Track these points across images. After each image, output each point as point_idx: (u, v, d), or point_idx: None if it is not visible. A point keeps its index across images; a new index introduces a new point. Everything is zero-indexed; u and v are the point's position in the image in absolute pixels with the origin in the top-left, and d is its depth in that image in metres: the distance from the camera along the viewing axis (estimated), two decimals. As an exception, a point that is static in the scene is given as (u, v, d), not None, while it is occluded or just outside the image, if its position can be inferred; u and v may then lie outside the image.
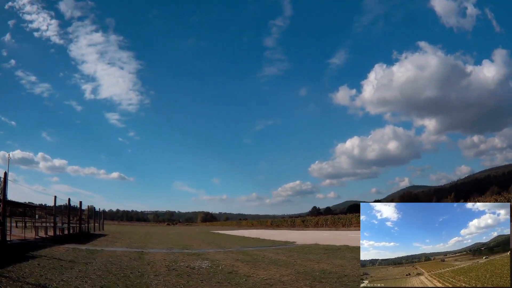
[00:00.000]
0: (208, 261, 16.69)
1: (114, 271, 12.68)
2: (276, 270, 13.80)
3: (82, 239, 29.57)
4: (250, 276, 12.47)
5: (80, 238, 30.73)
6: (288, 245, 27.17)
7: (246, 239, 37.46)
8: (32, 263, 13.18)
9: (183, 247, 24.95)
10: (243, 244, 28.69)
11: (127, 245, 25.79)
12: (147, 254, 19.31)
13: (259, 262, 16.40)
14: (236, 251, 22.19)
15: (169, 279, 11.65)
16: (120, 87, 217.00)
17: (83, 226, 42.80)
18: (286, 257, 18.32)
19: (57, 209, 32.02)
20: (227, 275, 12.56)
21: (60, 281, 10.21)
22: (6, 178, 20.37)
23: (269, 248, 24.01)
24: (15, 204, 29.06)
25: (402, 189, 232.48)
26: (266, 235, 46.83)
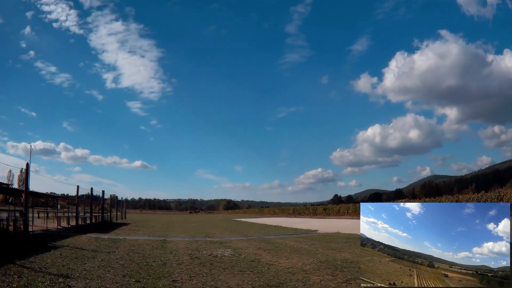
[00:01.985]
0: (231, 249, 16.70)
1: (136, 260, 12.71)
2: (298, 258, 13.74)
3: (105, 228, 29.83)
4: (273, 264, 12.43)
5: (103, 227, 30.99)
6: (310, 233, 27.08)
7: (268, 227, 37.48)
8: (54, 253, 13.28)
9: (205, 235, 25.02)
10: (265, 232, 28.71)
11: (150, 233, 25.92)
12: (170, 242, 19.38)
13: (281, 250, 16.36)
14: (259, 239, 22.22)
15: (191, 267, 11.63)
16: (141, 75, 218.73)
17: (106, 215, 43.14)
18: (308, 245, 18.28)
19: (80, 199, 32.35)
20: (249, 264, 12.53)
21: (83, 270, 10.25)
22: (28, 169, 20.58)
23: (291, 237, 24.03)
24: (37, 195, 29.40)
25: (423, 178, 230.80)
26: (288, 223, 46.83)
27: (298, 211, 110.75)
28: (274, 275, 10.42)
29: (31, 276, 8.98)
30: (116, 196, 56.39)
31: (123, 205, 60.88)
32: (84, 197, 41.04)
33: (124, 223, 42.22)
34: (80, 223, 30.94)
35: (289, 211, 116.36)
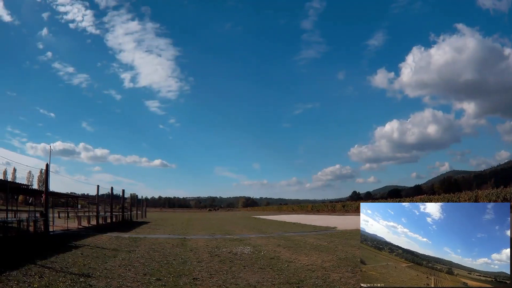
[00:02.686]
0: (250, 246, 16.73)
1: (157, 258, 12.79)
2: (318, 255, 13.70)
3: (125, 227, 30.03)
4: (292, 261, 12.41)
5: (123, 226, 31.20)
6: (329, 230, 26.99)
7: (287, 224, 37.43)
8: (75, 252, 13.39)
9: (225, 233, 25.09)
10: (284, 229, 28.69)
11: (170, 232, 26.03)
12: (190, 240, 19.47)
13: (301, 247, 16.35)
14: (278, 236, 22.22)
15: (211, 265, 11.67)
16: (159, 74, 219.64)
17: (126, 214, 43.42)
18: (327, 242, 18.20)
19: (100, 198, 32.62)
20: (269, 261, 12.55)
21: (104, 269, 10.32)
22: (48, 169, 20.77)
23: (310, 234, 23.93)
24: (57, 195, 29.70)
25: (442, 174, 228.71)
26: (307, 220, 46.70)
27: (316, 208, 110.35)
28: (294, 272, 10.42)
29: (52, 276, 9.05)
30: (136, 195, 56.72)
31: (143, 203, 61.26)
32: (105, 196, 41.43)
33: (144, 221, 42.45)
34: (100, 222, 31.21)
35: (308, 208, 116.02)
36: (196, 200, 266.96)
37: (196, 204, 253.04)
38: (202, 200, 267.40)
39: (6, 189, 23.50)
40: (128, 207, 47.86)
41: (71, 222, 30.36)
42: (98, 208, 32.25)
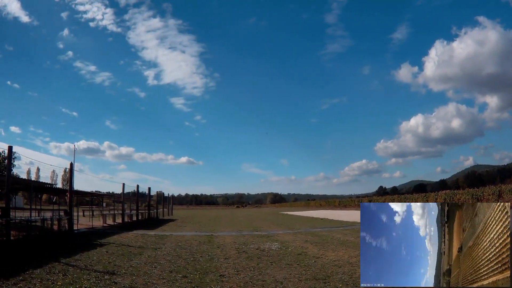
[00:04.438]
0: (278, 242, 16.71)
1: (183, 256, 12.81)
2: (345, 251, 13.70)
3: (151, 224, 30.19)
4: (319, 257, 12.40)
5: (149, 224, 31.38)
6: (356, 225, 26.81)
7: (314, 220, 37.42)
8: (100, 250, 13.48)
9: (252, 229, 25.10)
10: (312, 225, 28.64)
11: (197, 229, 26.11)
12: (217, 237, 19.48)
13: (328, 243, 16.33)
14: (305, 232, 22.19)
15: (239, 261, 11.66)
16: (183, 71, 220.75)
17: (152, 212, 43.70)
18: (354, 238, 18.15)
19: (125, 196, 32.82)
20: (296, 257, 12.54)
21: (129, 267, 10.36)
22: (72, 168, 20.97)
23: (337, 229, 23.94)
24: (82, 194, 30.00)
25: (467, 168, 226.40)
26: (334, 215, 46.58)
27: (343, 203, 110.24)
28: (321, 268, 10.42)
29: (76, 273, 9.10)
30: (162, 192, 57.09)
31: (169, 201, 61.63)
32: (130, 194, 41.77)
33: (170, 219, 42.69)
34: (126, 220, 31.43)
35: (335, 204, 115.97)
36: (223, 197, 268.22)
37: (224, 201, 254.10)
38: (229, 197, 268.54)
39: (30, 188, 23.82)
40: (154, 205, 48.18)
41: (96, 220, 30.68)
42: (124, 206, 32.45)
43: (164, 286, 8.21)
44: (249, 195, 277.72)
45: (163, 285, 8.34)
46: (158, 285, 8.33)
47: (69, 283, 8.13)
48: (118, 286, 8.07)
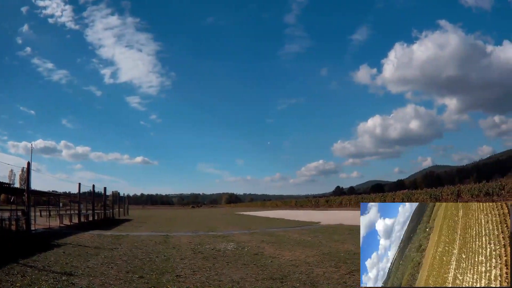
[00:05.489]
0: (234, 243, 16.75)
1: (139, 256, 12.75)
2: (302, 251, 13.76)
3: (107, 225, 29.92)
4: (276, 257, 12.44)
5: (105, 224, 31.06)
6: (313, 225, 27.20)
7: (270, 220, 37.66)
8: (57, 251, 13.30)
9: (208, 230, 25.09)
10: (268, 225, 28.86)
11: (152, 229, 25.97)
12: (172, 237, 19.43)
13: (284, 243, 16.40)
14: (261, 232, 22.30)
15: (194, 262, 11.66)
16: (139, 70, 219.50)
17: (108, 212, 43.20)
18: (311, 237, 18.35)
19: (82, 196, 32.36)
20: (253, 257, 12.56)
21: (86, 268, 10.26)
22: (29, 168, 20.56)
23: (293, 229, 24.11)
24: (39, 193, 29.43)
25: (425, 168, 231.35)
26: (291, 215, 46.96)
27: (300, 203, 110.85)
28: (278, 268, 10.44)
29: (34, 274, 8.99)
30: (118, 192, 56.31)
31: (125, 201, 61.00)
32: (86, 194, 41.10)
33: (126, 219, 42.32)
34: (82, 220, 31.00)
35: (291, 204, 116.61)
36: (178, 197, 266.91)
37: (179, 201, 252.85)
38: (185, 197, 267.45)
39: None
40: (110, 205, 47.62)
41: (53, 220, 30.11)
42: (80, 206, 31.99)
43: (121, 287, 8.19)
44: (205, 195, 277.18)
45: (120, 285, 8.31)
46: (115, 285, 8.29)
47: (27, 284, 8.04)
48: (75, 287, 8.01)
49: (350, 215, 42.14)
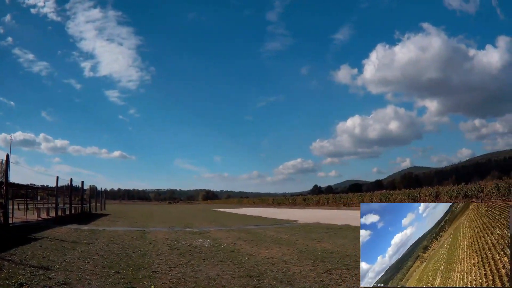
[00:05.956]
0: (210, 239, 16.73)
1: (116, 251, 12.68)
2: (278, 249, 13.75)
3: (84, 219, 29.62)
4: (252, 255, 12.43)
5: (82, 218, 30.77)
6: (290, 223, 27.24)
7: (247, 218, 37.67)
8: (34, 245, 13.16)
9: (185, 226, 25.05)
10: (245, 223, 28.85)
11: (129, 224, 25.85)
12: (149, 233, 19.36)
13: (261, 240, 16.39)
14: (238, 229, 22.28)
15: (171, 258, 11.64)
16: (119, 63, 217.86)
17: (85, 206, 42.83)
18: (288, 235, 18.32)
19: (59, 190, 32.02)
20: (229, 254, 12.55)
21: (63, 262, 10.18)
22: (8, 160, 20.32)
23: (270, 227, 24.08)
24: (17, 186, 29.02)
25: (403, 169, 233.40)
26: (268, 213, 46.97)
27: (277, 201, 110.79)
28: (254, 266, 10.44)
29: (11, 268, 8.90)
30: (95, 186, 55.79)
31: (102, 195, 60.45)
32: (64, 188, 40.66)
33: (103, 214, 42.01)
34: (59, 214, 30.70)
35: (269, 202, 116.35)
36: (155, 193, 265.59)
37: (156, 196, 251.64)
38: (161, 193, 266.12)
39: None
40: (88, 199, 47.22)
41: (31, 214, 29.76)
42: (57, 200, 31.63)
43: (98, 282, 8.14)
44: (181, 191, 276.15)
45: (97, 280, 8.26)
46: (91, 280, 8.24)
47: (5, 278, 7.95)
48: (52, 281, 7.94)
49: (328, 214, 42.36)
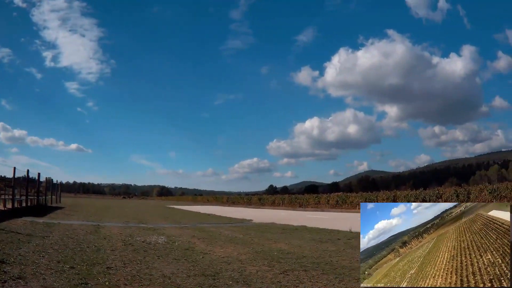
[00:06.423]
0: (165, 236, 16.73)
1: (70, 245, 12.57)
2: (234, 248, 13.81)
3: (40, 212, 29.13)
4: (207, 253, 12.45)
5: (38, 211, 30.21)
6: (245, 223, 27.35)
7: (202, 215, 37.66)
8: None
9: (139, 221, 24.97)
10: (199, 220, 28.84)
11: (84, 218, 25.57)
12: (103, 228, 19.23)
13: (216, 239, 16.41)
14: (192, 227, 22.24)
15: (125, 254, 11.63)
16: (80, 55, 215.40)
17: (41, 199, 42.04)
18: (243, 235, 18.37)
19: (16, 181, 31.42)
20: (183, 252, 12.56)
21: (18, 255, 10.06)
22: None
23: (225, 225, 24.18)
24: (-28, 177, 28.38)
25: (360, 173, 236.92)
26: (222, 212, 47.03)
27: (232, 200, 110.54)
28: (209, 264, 10.48)
29: (-35, 261, 8.83)
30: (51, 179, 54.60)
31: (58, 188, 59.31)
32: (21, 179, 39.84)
33: (58, 207, 41.35)
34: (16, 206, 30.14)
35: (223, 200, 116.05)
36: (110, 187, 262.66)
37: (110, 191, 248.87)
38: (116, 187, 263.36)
39: None
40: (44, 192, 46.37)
41: (-15, 205, 29.16)
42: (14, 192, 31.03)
43: (52, 277, 8.11)
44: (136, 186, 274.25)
45: (51, 275, 8.23)
46: (46, 275, 8.20)
47: (-42, 271, 7.92)
48: (7, 275, 7.88)
49: (283, 214, 42.66)
